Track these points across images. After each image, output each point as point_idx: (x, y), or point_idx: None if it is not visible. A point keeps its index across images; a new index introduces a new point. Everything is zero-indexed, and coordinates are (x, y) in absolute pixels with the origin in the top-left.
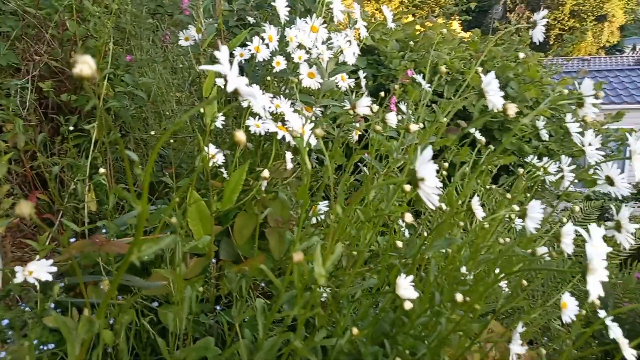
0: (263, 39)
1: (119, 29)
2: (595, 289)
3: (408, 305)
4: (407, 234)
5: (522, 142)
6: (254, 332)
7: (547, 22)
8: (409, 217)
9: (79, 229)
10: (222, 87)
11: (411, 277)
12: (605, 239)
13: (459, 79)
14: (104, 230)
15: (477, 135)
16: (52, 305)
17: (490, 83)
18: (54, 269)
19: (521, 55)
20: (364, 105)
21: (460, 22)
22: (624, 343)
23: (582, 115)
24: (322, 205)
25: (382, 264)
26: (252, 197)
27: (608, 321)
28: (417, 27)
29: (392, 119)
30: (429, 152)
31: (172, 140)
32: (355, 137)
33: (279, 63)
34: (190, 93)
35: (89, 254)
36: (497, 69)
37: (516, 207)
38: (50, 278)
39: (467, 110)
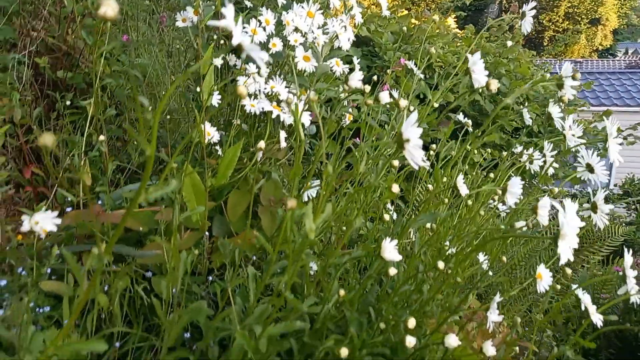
0: (260, 22)
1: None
2: (565, 253)
3: (393, 272)
4: (395, 216)
5: (510, 137)
6: (244, 302)
7: (542, 23)
8: (395, 188)
9: (74, 199)
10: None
11: (395, 242)
12: (588, 233)
13: (452, 73)
14: (99, 202)
15: (465, 119)
16: (49, 270)
17: (476, 63)
18: (59, 220)
19: (509, 43)
20: (357, 79)
21: (455, 18)
22: (592, 309)
23: (561, 95)
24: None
25: (370, 236)
26: (245, 175)
27: (579, 292)
28: (412, 20)
29: (384, 96)
30: (414, 116)
31: (167, 119)
32: (348, 121)
33: (275, 45)
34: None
35: (85, 224)
36: (490, 65)
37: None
38: (55, 229)
39: (460, 106)
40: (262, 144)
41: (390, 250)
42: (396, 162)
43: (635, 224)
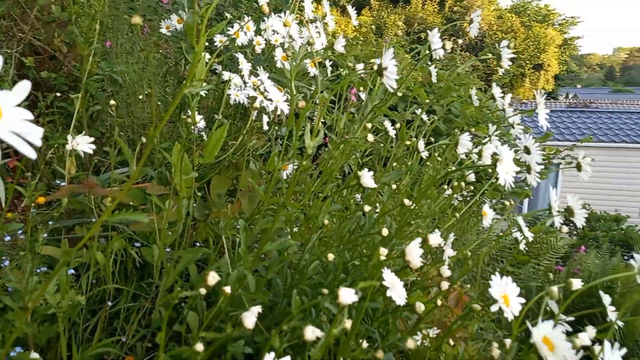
0: (241, 27)
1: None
2: (503, 177)
3: (367, 209)
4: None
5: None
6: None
7: (490, 67)
8: (370, 137)
9: (67, 174)
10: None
11: (372, 172)
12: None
13: (408, 96)
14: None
15: (424, 117)
16: (45, 235)
17: (434, 35)
18: (94, 146)
19: (448, 45)
20: (340, 44)
21: (409, 54)
22: (524, 226)
23: (501, 65)
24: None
25: (347, 187)
26: (227, 161)
27: (518, 218)
28: (373, 48)
29: (360, 67)
30: (390, 51)
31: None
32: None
33: (259, 42)
34: (166, 81)
35: (75, 201)
36: (443, 90)
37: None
38: (91, 151)
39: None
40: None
41: (367, 177)
42: (369, 124)
43: (577, 247)
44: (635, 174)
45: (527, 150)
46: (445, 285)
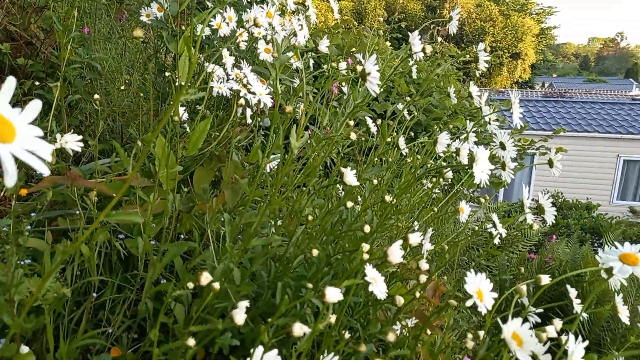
0: (224, 19)
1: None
2: (479, 175)
3: (349, 204)
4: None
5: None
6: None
7: (468, 55)
8: (353, 135)
9: (49, 169)
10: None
11: (354, 171)
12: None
13: (389, 85)
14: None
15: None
16: (29, 227)
17: (415, 37)
18: (82, 144)
19: (428, 49)
20: (325, 45)
21: (390, 42)
22: (498, 222)
23: (477, 67)
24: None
25: (329, 183)
26: (209, 153)
27: (492, 215)
28: (353, 35)
29: (342, 66)
30: (373, 57)
31: (124, 112)
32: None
33: (242, 35)
34: (145, 69)
35: (58, 192)
36: (423, 81)
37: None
38: (79, 150)
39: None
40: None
41: (350, 176)
42: (352, 122)
43: (549, 234)
44: (606, 162)
45: (503, 146)
46: (423, 278)
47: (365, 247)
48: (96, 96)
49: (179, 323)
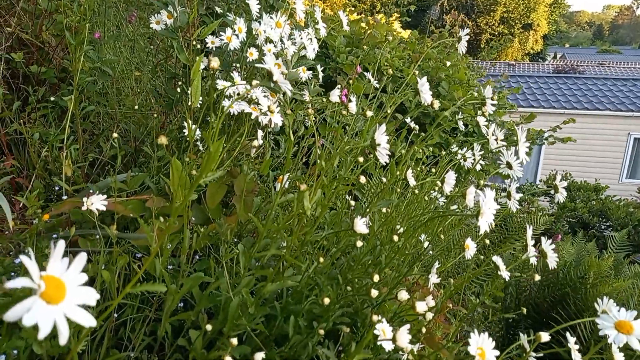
0: (234, 30)
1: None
2: (483, 226)
3: (359, 244)
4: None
5: (449, 137)
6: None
7: (479, 26)
8: (362, 179)
9: (69, 188)
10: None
11: (365, 219)
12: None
13: (398, 76)
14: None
15: (412, 124)
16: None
17: (423, 84)
18: (107, 202)
19: (447, 63)
20: (336, 95)
21: (400, 21)
22: (502, 266)
23: (484, 111)
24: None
25: (337, 219)
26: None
27: (494, 258)
28: (362, 25)
29: (352, 107)
30: (383, 127)
31: (136, 114)
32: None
33: (252, 54)
34: (155, 72)
35: (77, 212)
36: (431, 70)
37: (438, 183)
38: (104, 208)
39: (403, 104)
40: (256, 142)
41: (360, 225)
42: (361, 159)
43: (556, 216)
44: (617, 141)
45: (509, 166)
46: (429, 316)
47: (375, 318)
48: (115, 135)
49: (195, 347)
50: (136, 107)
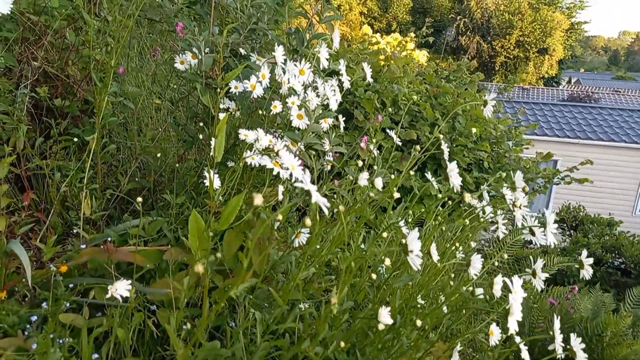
0: (257, 77)
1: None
2: (512, 326)
3: (381, 327)
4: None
5: (464, 172)
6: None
7: (494, 49)
8: (387, 262)
9: (88, 237)
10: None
11: (389, 308)
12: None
13: (415, 110)
14: (109, 239)
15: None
16: (67, 304)
17: (453, 170)
18: (130, 287)
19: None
20: (364, 178)
21: (415, 42)
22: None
23: (513, 197)
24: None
25: (358, 288)
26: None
27: (521, 346)
28: (381, 57)
29: (379, 183)
30: (415, 233)
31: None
32: (328, 168)
33: (276, 107)
34: (177, 108)
35: (96, 260)
36: (449, 104)
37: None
38: (127, 294)
39: (419, 137)
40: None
41: (385, 315)
42: (385, 234)
43: (569, 251)
44: (632, 173)
45: (532, 232)
46: None
47: None
48: (139, 199)
49: None
50: (155, 140)
